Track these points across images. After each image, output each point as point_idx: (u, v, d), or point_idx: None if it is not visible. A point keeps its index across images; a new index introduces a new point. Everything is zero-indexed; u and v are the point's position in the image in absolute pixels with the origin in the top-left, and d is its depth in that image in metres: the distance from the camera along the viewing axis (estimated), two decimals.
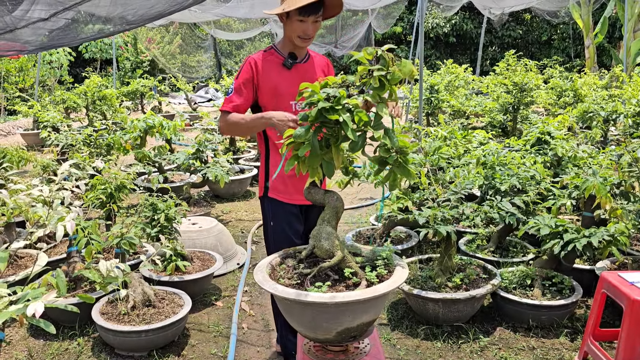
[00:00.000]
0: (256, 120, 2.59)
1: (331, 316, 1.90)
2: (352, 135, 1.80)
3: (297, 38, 2.64)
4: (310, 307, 1.89)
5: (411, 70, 1.80)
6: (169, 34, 19.58)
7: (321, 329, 1.96)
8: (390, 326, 3.51)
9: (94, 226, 3.39)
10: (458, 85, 10.71)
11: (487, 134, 5.52)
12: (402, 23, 20.70)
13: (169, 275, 3.77)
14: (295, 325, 2.06)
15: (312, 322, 1.95)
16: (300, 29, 2.60)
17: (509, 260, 3.93)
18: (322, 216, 2.09)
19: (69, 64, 16.27)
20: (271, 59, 2.72)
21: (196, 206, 5.74)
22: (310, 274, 2.01)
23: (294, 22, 2.59)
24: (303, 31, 2.61)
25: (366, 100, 1.90)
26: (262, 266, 2.11)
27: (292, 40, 2.67)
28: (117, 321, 3.14)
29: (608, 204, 3.45)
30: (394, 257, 2.18)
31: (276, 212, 2.82)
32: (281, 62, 2.72)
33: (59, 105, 10.70)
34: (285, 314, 2.07)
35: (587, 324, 3.03)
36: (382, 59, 1.84)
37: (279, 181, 2.78)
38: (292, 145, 2.00)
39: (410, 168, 1.87)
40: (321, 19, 2.64)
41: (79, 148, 5.71)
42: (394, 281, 1.99)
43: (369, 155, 2.04)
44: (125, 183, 4.34)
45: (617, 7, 15.11)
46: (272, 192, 2.82)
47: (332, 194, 2.12)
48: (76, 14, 4.49)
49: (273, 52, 2.75)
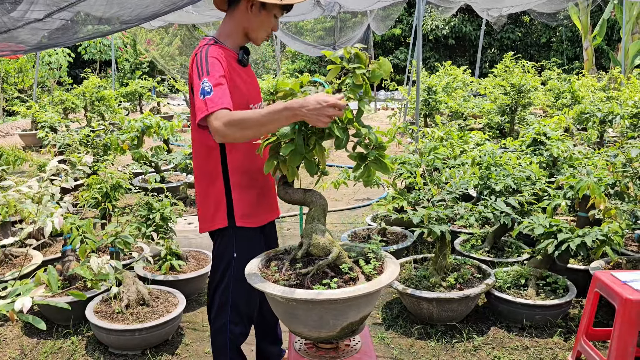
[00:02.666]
0: (275, 114, 1.90)
1: (339, 312, 1.92)
2: (338, 133, 1.80)
3: (264, 34, 2.32)
4: (320, 305, 1.88)
5: (390, 69, 1.81)
6: (169, 35, 19.59)
7: (327, 327, 1.96)
8: (384, 326, 3.51)
9: (88, 225, 3.39)
10: (456, 87, 10.72)
11: (483, 135, 5.53)
12: (401, 25, 20.70)
13: (163, 274, 3.77)
14: (296, 326, 2.02)
15: (319, 320, 1.93)
16: (270, 24, 2.31)
17: (504, 261, 3.94)
18: (312, 214, 2.09)
19: (68, 65, 16.30)
20: (227, 54, 2.28)
21: (193, 206, 5.74)
22: (309, 272, 2.00)
23: (268, 16, 2.28)
24: (272, 27, 2.33)
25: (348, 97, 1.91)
26: (252, 270, 2.09)
27: (251, 33, 2.32)
28: (111, 320, 3.14)
29: (602, 203, 3.45)
30: (382, 250, 2.21)
31: (241, 245, 2.37)
32: (236, 59, 2.33)
33: (58, 106, 10.71)
34: (284, 316, 2.02)
35: (581, 324, 3.03)
36: (358, 57, 1.85)
37: (247, 203, 2.34)
38: (269, 145, 1.99)
39: (387, 162, 1.87)
40: None
41: (76, 148, 5.71)
42: (392, 271, 2.04)
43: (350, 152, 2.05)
44: (121, 182, 4.34)
45: (616, 9, 15.13)
46: (242, 220, 2.33)
47: (314, 192, 2.12)
48: (74, 15, 4.50)
49: (222, 47, 2.29)
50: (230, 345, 2.49)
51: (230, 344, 2.49)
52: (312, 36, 17.52)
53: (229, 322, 2.46)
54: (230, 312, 2.44)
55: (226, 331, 2.47)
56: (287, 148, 1.90)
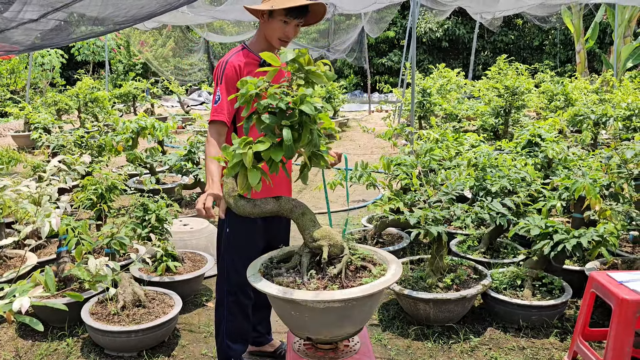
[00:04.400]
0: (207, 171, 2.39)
1: (359, 309, 1.94)
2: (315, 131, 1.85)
3: (277, 40, 2.54)
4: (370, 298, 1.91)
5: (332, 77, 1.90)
6: (162, 36, 19.56)
7: (346, 326, 1.98)
8: (381, 327, 3.51)
9: (84, 226, 3.37)
10: (450, 89, 10.76)
11: (478, 137, 5.55)
12: (395, 27, 20.77)
13: (159, 275, 3.75)
14: (309, 330, 1.99)
15: (339, 320, 1.93)
16: (281, 30, 2.51)
17: (500, 261, 3.95)
18: (311, 218, 2.06)
19: (61, 67, 16.23)
20: (249, 62, 2.56)
21: (188, 208, 5.73)
22: (340, 272, 1.98)
23: (277, 22, 2.50)
24: (284, 33, 2.52)
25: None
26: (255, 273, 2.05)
27: (270, 40, 2.56)
28: (106, 321, 3.12)
29: (597, 204, 3.47)
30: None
31: (234, 222, 2.62)
32: (258, 64, 2.55)
33: (51, 107, 10.65)
34: (298, 321, 1.97)
35: (577, 324, 3.04)
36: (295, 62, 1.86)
37: None
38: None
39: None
40: (302, 24, 2.56)
41: (70, 149, 5.68)
42: (398, 264, 2.10)
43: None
44: (117, 184, 4.32)
45: (608, 13, 15.25)
46: None
47: (287, 198, 2.08)
48: (68, 15, 4.48)
49: (248, 53, 2.59)
50: (228, 313, 2.76)
51: (228, 314, 2.76)
52: (306, 38, 17.55)
53: (225, 293, 2.76)
54: (227, 282, 2.74)
55: (224, 303, 2.78)
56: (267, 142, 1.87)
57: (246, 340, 2.92)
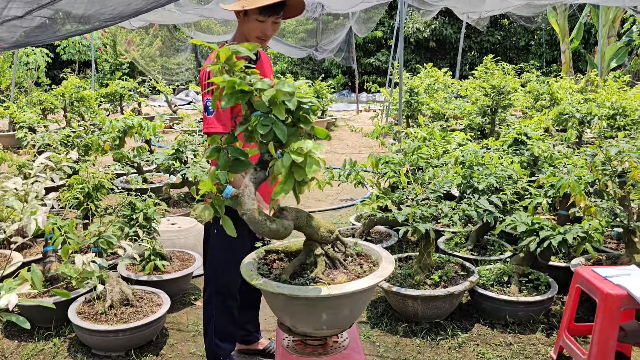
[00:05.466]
0: None
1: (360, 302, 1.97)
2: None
3: (255, 38, 2.50)
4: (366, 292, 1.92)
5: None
6: (149, 36, 19.41)
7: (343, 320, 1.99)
8: (369, 324, 3.53)
9: (70, 225, 3.34)
10: (437, 89, 10.82)
11: (465, 136, 5.58)
12: (383, 27, 20.82)
13: (147, 274, 3.73)
14: (311, 326, 1.98)
15: (350, 312, 1.97)
16: (259, 29, 2.48)
17: (487, 258, 3.98)
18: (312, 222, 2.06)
19: (47, 66, 16.04)
20: None
21: (176, 207, 5.70)
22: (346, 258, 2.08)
23: (253, 22, 2.47)
24: (262, 31, 2.49)
25: None
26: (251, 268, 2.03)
27: (249, 39, 2.52)
28: (94, 320, 3.10)
29: (582, 201, 3.51)
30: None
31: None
32: None
33: (36, 106, 10.53)
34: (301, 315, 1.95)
35: (562, 319, 3.08)
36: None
37: None
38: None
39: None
40: (280, 20, 2.53)
41: (56, 148, 5.63)
42: (388, 255, 2.14)
43: None
44: (104, 182, 4.29)
45: (592, 13, 15.43)
46: None
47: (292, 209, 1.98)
48: (54, 13, 4.43)
49: None
50: (217, 313, 2.75)
51: (217, 313, 2.75)
52: (294, 38, 17.54)
53: (214, 292, 2.75)
54: (215, 282, 2.73)
55: (212, 302, 2.77)
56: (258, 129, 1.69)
57: (234, 339, 2.93)
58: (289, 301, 1.88)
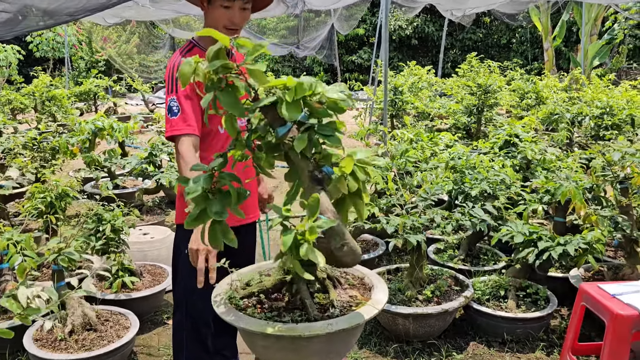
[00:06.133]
0: None
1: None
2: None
3: (223, 29, 2.19)
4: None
5: None
6: (126, 33, 18.91)
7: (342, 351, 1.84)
8: (357, 344, 3.27)
9: (27, 240, 3.03)
10: (422, 87, 10.60)
11: (453, 137, 5.36)
12: (365, 25, 20.60)
13: (114, 292, 3.43)
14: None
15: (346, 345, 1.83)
16: (225, 16, 2.19)
17: (481, 269, 3.75)
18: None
19: (19, 63, 15.47)
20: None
21: (149, 214, 5.37)
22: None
23: (218, 9, 2.18)
24: (229, 19, 2.20)
25: None
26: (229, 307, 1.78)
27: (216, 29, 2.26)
28: (52, 348, 2.78)
29: (583, 209, 3.30)
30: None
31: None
32: None
33: (5, 106, 10.08)
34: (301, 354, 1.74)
35: (566, 338, 2.86)
36: None
37: None
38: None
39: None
40: (250, 7, 2.24)
41: (18, 153, 5.26)
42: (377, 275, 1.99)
43: None
44: (68, 191, 3.97)
45: (574, 11, 15.37)
46: None
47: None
48: (18, 9, 4.13)
49: (196, 50, 2.25)
50: (188, 341, 2.48)
51: (189, 342, 2.48)
52: (276, 35, 17.21)
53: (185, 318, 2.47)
54: (186, 305, 2.47)
55: (182, 329, 2.50)
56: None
57: None
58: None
